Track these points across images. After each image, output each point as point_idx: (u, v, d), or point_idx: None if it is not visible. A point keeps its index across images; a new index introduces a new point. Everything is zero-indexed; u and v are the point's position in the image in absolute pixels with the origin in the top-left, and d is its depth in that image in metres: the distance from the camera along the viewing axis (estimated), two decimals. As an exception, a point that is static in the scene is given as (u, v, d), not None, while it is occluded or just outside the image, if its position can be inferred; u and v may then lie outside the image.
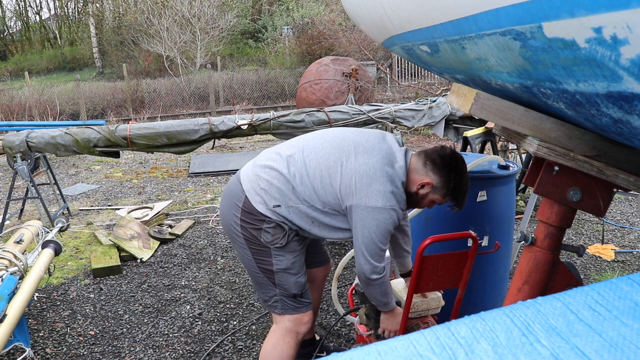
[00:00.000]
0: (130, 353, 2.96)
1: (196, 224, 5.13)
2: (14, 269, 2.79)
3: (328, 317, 3.27)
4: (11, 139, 4.64)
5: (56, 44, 26.99)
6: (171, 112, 14.04)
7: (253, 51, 21.11)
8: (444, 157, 2.01)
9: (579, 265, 3.89)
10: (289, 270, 2.12)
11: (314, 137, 2.15)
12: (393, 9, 1.78)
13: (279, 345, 2.18)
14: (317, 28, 16.01)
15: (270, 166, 2.08)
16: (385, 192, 1.93)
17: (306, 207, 2.04)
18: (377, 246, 1.97)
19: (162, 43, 16.77)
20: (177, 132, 4.61)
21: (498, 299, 2.86)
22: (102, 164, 8.30)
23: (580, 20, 0.88)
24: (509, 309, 0.89)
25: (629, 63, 0.86)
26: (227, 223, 2.14)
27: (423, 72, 14.93)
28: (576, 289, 0.95)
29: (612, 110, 1.07)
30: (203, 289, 3.72)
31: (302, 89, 9.25)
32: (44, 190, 6.20)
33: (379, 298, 2.12)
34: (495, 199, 2.71)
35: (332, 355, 0.81)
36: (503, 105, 1.63)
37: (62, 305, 3.55)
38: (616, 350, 0.77)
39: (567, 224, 1.75)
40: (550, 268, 1.78)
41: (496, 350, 0.79)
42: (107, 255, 4.19)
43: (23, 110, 12.78)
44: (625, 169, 1.56)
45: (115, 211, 5.67)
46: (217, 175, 7.23)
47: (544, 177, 1.68)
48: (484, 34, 1.25)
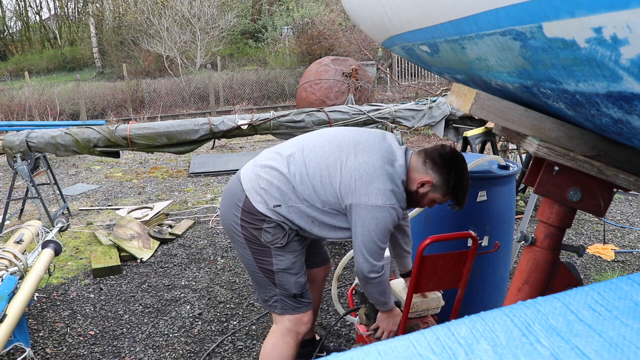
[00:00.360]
0: (130, 353, 2.96)
1: (196, 224, 5.13)
2: (14, 269, 2.79)
3: (328, 317, 3.27)
4: (11, 139, 4.64)
5: (56, 44, 27.00)
6: (171, 112, 14.04)
7: (253, 51, 21.11)
8: (444, 155, 2.01)
9: (579, 265, 3.89)
10: (289, 270, 2.12)
11: (314, 137, 2.15)
12: (393, 9, 1.78)
13: (279, 345, 2.18)
14: (317, 28, 16.01)
15: (271, 166, 2.08)
16: (385, 190, 1.93)
17: (306, 207, 2.04)
18: (377, 245, 1.97)
19: (162, 43, 16.77)
20: (177, 132, 4.61)
21: (498, 299, 2.86)
22: (102, 164, 8.31)
23: (580, 20, 0.88)
24: (509, 309, 0.89)
25: (629, 63, 0.86)
26: (228, 223, 2.14)
27: (423, 72, 14.93)
28: (576, 289, 0.95)
29: (612, 110, 1.07)
30: (203, 289, 3.72)
31: (302, 89, 9.25)
32: (44, 190, 6.20)
33: (377, 297, 2.12)
34: (495, 199, 2.71)
35: (332, 355, 0.81)
36: (503, 105, 1.63)
37: (62, 305, 3.55)
38: (616, 350, 0.77)
39: (567, 224, 1.75)
40: (550, 268, 1.78)
41: (496, 350, 0.79)
42: (107, 255, 4.19)
43: (23, 110, 12.78)
44: (625, 169, 1.56)
45: (115, 211, 5.67)
46: (217, 175, 7.23)
47: (544, 177, 1.68)
48: (484, 34, 1.25)
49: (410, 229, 2.43)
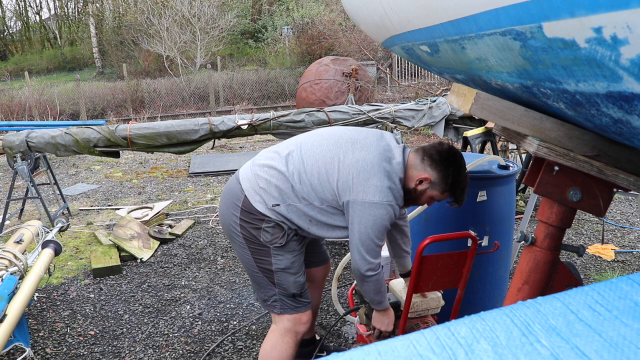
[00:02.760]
0: (130, 353, 2.96)
1: (196, 224, 5.13)
2: (14, 269, 2.79)
3: (328, 317, 3.27)
4: (11, 139, 4.64)
5: (56, 44, 27.00)
6: (171, 112, 14.03)
7: (253, 51, 21.11)
8: (442, 152, 2.01)
9: (579, 265, 3.89)
10: (288, 269, 2.12)
11: (312, 135, 2.16)
12: (393, 9, 1.78)
13: (278, 345, 2.18)
14: (317, 28, 16.01)
15: (269, 165, 2.08)
16: (382, 187, 1.94)
17: (304, 206, 2.04)
18: (374, 242, 1.98)
19: (162, 43, 16.77)
20: (177, 132, 4.61)
21: (498, 299, 2.86)
22: (102, 164, 8.30)
23: (580, 20, 0.88)
24: (509, 309, 0.89)
25: (629, 63, 0.86)
26: (227, 223, 2.14)
27: (423, 72, 14.93)
28: (576, 289, 0.95)
29: (612, 110, 1.07)
30: (203, 289, 3.72)
31: (302, 89, 9.26)
32: (44, 190, 6.20)
33: (373, 296, 2.13)
34: (495, 199, 2.71)
35: (332, 355, 0.81)
36: (503, 105, 1.63)
37: (62, 305, 3.55)
38: (616, 350, 0.77)
39: (567, 224, 1.75)
40: (550, 268, 1.78)
41: (496, 350, 0.79)
42: (107, 255, 4.19)
43: (23, 110, 12.78)
44: (625, 169, 1.56)
45: (115, 211, 5.67)
46: (217, 175, 7.23)
47: (544, 177, 1.68)
48: (484, 34, 1.25)
49: (409, 229, 2.43)
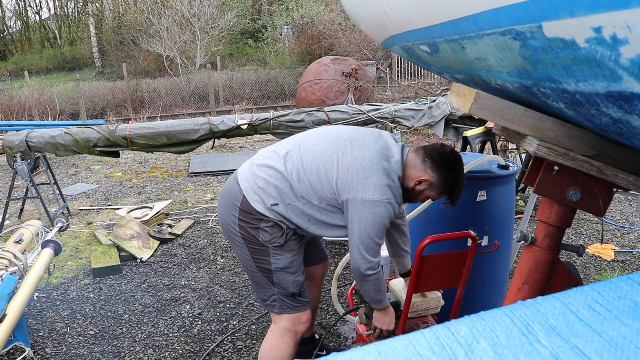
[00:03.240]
0: (130, 353, 2.96)
1: (196, 224, 5.13)
2: (14, 269, 2.79)
3: (328, 317, 3.27)
4: (11, 139, 4.64)
5: (56, 44, 26.99)
6: (171, 112, 14.03)
7: (253, 51, 21.11)
8: (444, 155, 2.01)
9: (579, 265, 3.89)
10: (288, 269, 2.12)
11: (311, 135, 2.16)
12: (393, 9, 1.78)
13: (278, 345, 2.18)
14: (317, 28, 16.00)
15: (268, 165, 2.08)
16: (381, 185, 1.94)
17: (303, 205, 2.04)
18: (373, 241, 1.98)
19: (162, 43, 16.77)
20: (177, 132, 4.61)
21: (498, 299, 2.86)
22: (102, 164, 8.30)
23: (580, 20, 0.88)
24: (509, 309, 0.89)
25: (629, 63, 0.86)
26: (226, 223, 2.14)
27: (423, 72, 14.92)
28: (576, 289, 0.95)
29: (612, 110, 1.07)
30: (203, 289, 3.72)
31: (302, 89, 9.26)
32: (44, 190, 6.20)
33: (373, 295, 2.13)
34: (495, 199, 2.71)
35: (332, 355, 0.81)
36: (503, 105, 1.63)
37: (62, 305, 3.55)
38: (616, 350, 0.77)
39: (567, 224, 1.75)
40: (550, 268, 1.78)
41: (496, 350, 0.79)
42: (107, 255, 4.19)
43: (23, 110, 12.78)
44: (625, 169, 1.56)
45: (115, 211, 5.66)
46: (217, 175, 7.23)
47: (544, 177, 1.68)
48: (484, 34, 1.25)
49: (408, 229, 2.43)
